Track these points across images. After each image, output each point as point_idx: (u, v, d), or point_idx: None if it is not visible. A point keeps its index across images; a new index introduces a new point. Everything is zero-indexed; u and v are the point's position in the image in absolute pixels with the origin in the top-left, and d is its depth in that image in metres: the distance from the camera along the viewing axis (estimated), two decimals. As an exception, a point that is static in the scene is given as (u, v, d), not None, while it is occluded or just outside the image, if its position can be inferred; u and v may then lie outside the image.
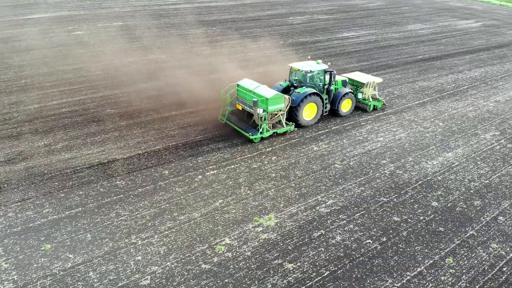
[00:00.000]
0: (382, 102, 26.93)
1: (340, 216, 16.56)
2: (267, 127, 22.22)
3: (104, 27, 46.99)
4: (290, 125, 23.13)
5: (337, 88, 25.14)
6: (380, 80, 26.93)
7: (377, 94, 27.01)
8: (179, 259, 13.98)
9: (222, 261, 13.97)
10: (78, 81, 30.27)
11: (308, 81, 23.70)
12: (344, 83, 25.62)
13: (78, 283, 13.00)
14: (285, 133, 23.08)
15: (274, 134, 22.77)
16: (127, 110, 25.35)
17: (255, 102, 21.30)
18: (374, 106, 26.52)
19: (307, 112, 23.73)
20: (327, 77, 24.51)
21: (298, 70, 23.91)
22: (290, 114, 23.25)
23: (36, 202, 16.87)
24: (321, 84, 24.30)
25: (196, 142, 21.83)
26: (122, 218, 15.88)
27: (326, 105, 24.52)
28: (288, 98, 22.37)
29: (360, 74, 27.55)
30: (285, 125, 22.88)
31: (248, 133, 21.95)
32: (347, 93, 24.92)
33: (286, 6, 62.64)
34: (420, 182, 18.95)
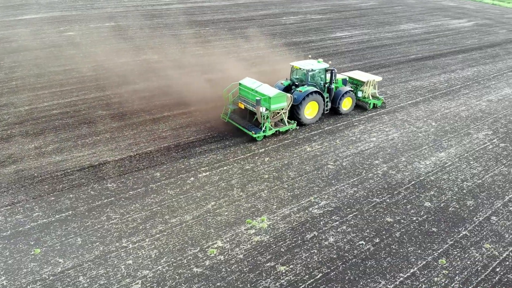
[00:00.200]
0: (382, 100, 27.21)
1: (333, 217, 16.48)
2: (270, 126, 22.33)
3: (96, 28, 46.66)
4: (292, 123, 23.31)
5: (337, 86, 25.35)
6: (379, 78, 27.23)
7: (377, 92, 27.23)
8: (171, 263, 13.83)
9: (214, 264, 13.84)
10: (70, 82, 30.00)
11: (309, 79, 23.92)
12: (344, 82, 25.86)
13: (68, 288, 12.85)
14: (286, 131, 23.26)
15: (277, 133, 22.90)
16: (119, 112, 25.14)
17: (258, 100, 21.45)
18: (374, 104, 26.80)
19: (309, 110, 23.93)
20: (328, 75, 24.75)
21: (300, 69, 24.12)
22: (292, 113, 23.46)
23: (26, 205, 16.65)
24: (322, 82, 24.53)
25: (188, 143, 21.68)
26: (113, 222, 15.71)
27: (327, 103, 24.75)
28: (290, 96, 22.61)
29: (359, 72, 27.82)
30: (287, 123, 23.04)
31: (251, 131, 22.05)
32: (348, 91, 25.17)
33: (279, 6, 62.58)
34: (413, 182, 18.92)
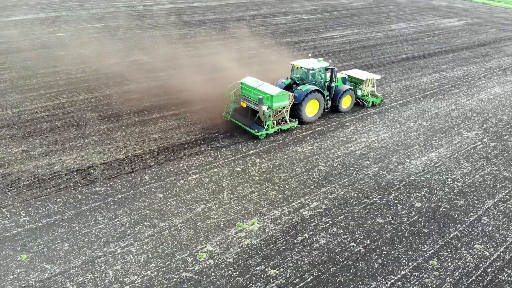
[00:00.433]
0: (381, 98, 27.52)
1: (323, 219, 16.37)
2: (272, 124, 22.53)
3: (86, 29, 46.23)
4: (293, 121, 23.54)
5: (337, 85, 25.54)
6: (378, 77, 27.50)
7: (375, 90, 27.46)
8: (159, 268, 13.64)
9: (203, 268, 13.67)
10: (58, 84, 29.64)
11: (310, 78, 24.15)
12: (344, 80, 26.12)
13: (55, 295, 12.62)
14: (288, 129, 23.42)
15: (278, 131, 23.09)
16: (108, 114, 24.86)
17: (261, 99, 21.64)
18: (373, 102, 27.08)
19: (309, 108, 24.16)
20: (328, 74, 25.00)
21: (300, 67, 24.35)
22: (293, 111, 23.68)
23: (12, 210, 16.37)
24: (322, 81, 24.76)
25: (178, 145, 21.47)
26: (100, 226, 15.47)
27: (327, 101, 24.94)
28: (292, 95, 22.82)
29: (358, 71, 28.13)
30: (288, 121, 23.23)
31: (253, 129, 22.26)
32: (347, 90, 25.47)
33: (270, 6, 62.45)
34: (403, 183, 18.87)
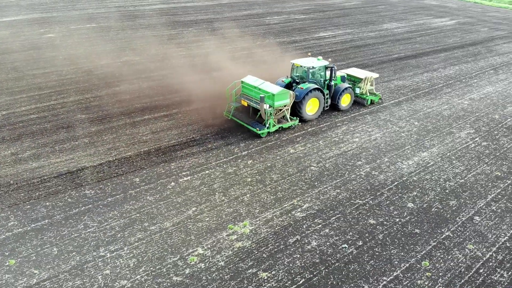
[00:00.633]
0: (379, 96, 27.77)
1: (315, 220, 16.28)
2: (273, 122, 22.73)
3: (77, 29, 45.88)
4: (294, 119, 23.73)
5: (336, 83, 25.69)
6: (376, 75, 27.73)
7: (374, 89, 27.65)
8: (150, 272, 13.47)
9: (194, 272, 13.52)
10: (48, 85, 29.33)
11: (310, 77, 24.30)
12: (343, 79, 26.30)
13: (43, 301, 12.42)
14: (289, 127, 23.63)
15: (280, 129, 23.27)
16: (98, 115, 24.61)
17: (262, 98, 21.83)
18: (371, 100, 27.31)
19: (310, 107, 24.35)
20: (328, 73, 25.14)
21: (300, 66, 24.56)
22: (293, 110, 23.86)
23: (1, 214, 16.12)
24: (322, 79, 24.93)
25: (169, 147, 21.28)
26: (90, 230, 15.28)
27: (327, 100, 25.09)
28: (292, 93, 23.04)
29: (357, 70, 28.39)
30: (289, 120, 23.45)
31: (255, 128, 22.44)
32: (347, 88, 25.66)
33: (263, 6, 62.34)
34: (395, 183, 18.83)
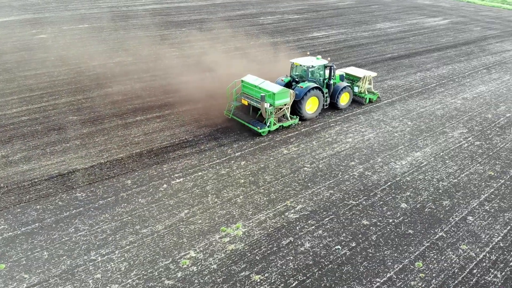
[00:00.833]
0: (377, 95, 28.06)
1: (309, 221, 16.19)
2: (274, 121, 22.89)
3: (69, 30, 45.58)
4: (294, 118, 23.92)
5: (335, 82, 25.84)
6: (375, 74, 27.92)
7: (372, 87, 27.86)
8: (141, 276, 13.32)
9: (186, 276, 13.39)
10: (40, 87, 29.06)
11: (309, 76, 24.46)
12: (341, 78, 26.47)
13: (32, 306, 12.25)
14: (289, 126, 23.81)
15: (280, 127, 23.45)
16: (90, 117, 24.39)
17: (263, 97, 21.91)
18: (370, 99, 27.58)
19: (309, 105, 24.57)
20: (327, 72, 25.29)
21: (300, 65, 24.77)
22: (293, 108, 24.07)
23: (-10, 218, 15.92)
24: (321, 78, 25.11)
25: (161, 148, 21.11)
26: (81, 233, 15.10)
27: (326, 98, 25.34)
28: (292, 92, 23.21)
29: (355, 68, 28.54)
30: (289, 118, 23.65)
31: (256, 127, 22.51)
32: (345, 87, 25.84)
33: (256, 6, 62.24)
34: (389, 183, 18.79)
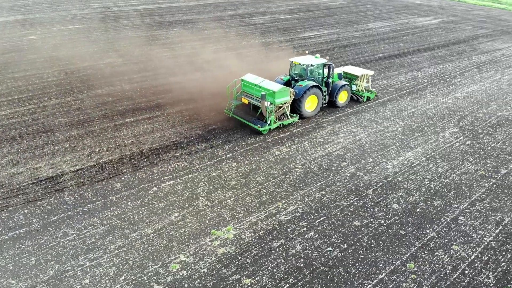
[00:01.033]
0: (375, 93, 28.35)
1: (300, 223, 16.08)
2: (274, 119, 23.08)
3: (59, 31, 45.14)
4: (294, 116, 24.15)
5: (334, 81, 26.01)
6: (372, 72, 28.16)
7: (370, 86, 28.09)
8: (130, 281, 13.13)
9: (176, 280, 13.21)
10: (29, 89, 28.72)
11: (308, 74, 24.64)
12: (339, 76, 26.61)
13: (19, 313, 12.03)
14: (289, 124, 24.01)
15: (280, 126, 23.65)
16: (79, 119, 24.11)
17: (264, 95, 22.16)
18: (367, 97, 27.92)
19: (309, 104, 24.78)
20: (326, 70, 25.49)
21: (299, 64, 24.96)
22: (293, 107, 24.26)
23: (-24, 223, 15.65)
24: (320, 77, 25.27)
25: (151, 150, 20.90)
26: (69, 238, 14.87)
27: (325, 97, 25.55)
28: (292, 91, 23.43)
29: (352, 67, 28.82)
30: (289, 117, 23.87)
31: (256, 125, 22.69)
32: (344, 85, 26.15)
33: (249, 6, 62.08)
34: (380, 184, 18.72)
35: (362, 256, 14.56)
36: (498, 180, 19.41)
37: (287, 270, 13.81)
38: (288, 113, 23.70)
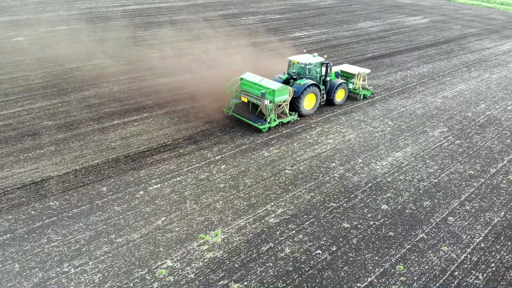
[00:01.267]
0: (371, 91, 28.59)
1: (289, 226, 15.93)
2: (274, 117, 23.24)
3: (47, 32, 44.57)
4: (293, 114, 24.34)
5: (331, 79, 26.21)
6: (368, 71, 28.35)
7: (366, 84, 28.40)
8: (116, 287, 12.89)
9: (162, 286, 12.98)
10: (15, 91, 28.25)
11: (307, 73, 24.98)
12: (336, 75, 26.89)
13: (1, 323, 11.74)
14: (288, 122, 24.18)
15: (280, 124, 23.84)
16: (66, 121, 23.74)
17: (263, 93, 22.31)
18: (364, 95, 28.23)
19: (307, 102, 24.93)
20: (324, 69, 25.68)
21: (298, 63, 25.12)
22: (291, 105, 24.45)
23: (-41, 230, 15.30)
24: (318, 75, 25.60)
25: (139, 153, 20.61)
26: (54, 244, 14.58)
27: (323, 95, 25.77)
28: (291, 89, 23.59)
29: (349, 66, 29.05)
30: (288, 115, 24.06)
31: (256, 123, 22.88)
32: (341, 83, 26.41)
33: (238, 6, 61.85)
34: (369, 185, 18.64)
35: (351, 258, 14.44)
36: (487, 179, 19.43)
37: (276, 274, 13.65)
38: (287, 111, 23.86)
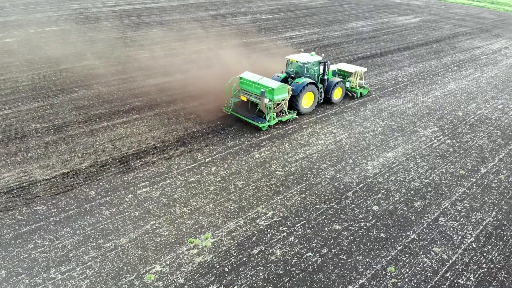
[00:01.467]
0: (368, 89, 28.78)
1: (280, 228, 15.80)
2: (273, 116, 23.41)
3: (36, 33, 44.08)
4: (292, 113, 24.55)
5: (329, 78, 26.36)
6: (365, 69, 28.54)
7: (363, 82, 28.61)
8: (103, 293, 12.70)
9: (151, 291, 12.83)
10: (2, 93, 27.86)
11: (305, 71, 25.17)
12: (334, 73, 27.11)
13: (-15, 332, 11.49)
14: (287, 121, 24.39)
15: (279, 122, 24.05)
16: (54, 124, 23.42)
17: (263, 92, 22.43)
18: (361, 93, 28.48)
19: (306, 100, 25.14)
20: (321, 68, 25.83)
21: (296, 61, 25.35)
22: (290, 103, 24.70)
23: None
24: (316, 74, 25.77)
25: (128, 156, 20.36)
26: (40, 250, 14.32)
27: (321, 93, 25.97)
28: (290, 88, 23.82)
29: (346, 64, 29.23)
30: (287, 113, 24.27)
31: (256, 122, 23.04)
32: (338, 82, 26.63)
33: (230, 6, 61.64)
34: (360, 185, 18.55)
35: (343, 260, 14.34)
36: (478, 179, 19.43)
37: (266, 277, 13.51)
38: (286, 109, 24.02)
